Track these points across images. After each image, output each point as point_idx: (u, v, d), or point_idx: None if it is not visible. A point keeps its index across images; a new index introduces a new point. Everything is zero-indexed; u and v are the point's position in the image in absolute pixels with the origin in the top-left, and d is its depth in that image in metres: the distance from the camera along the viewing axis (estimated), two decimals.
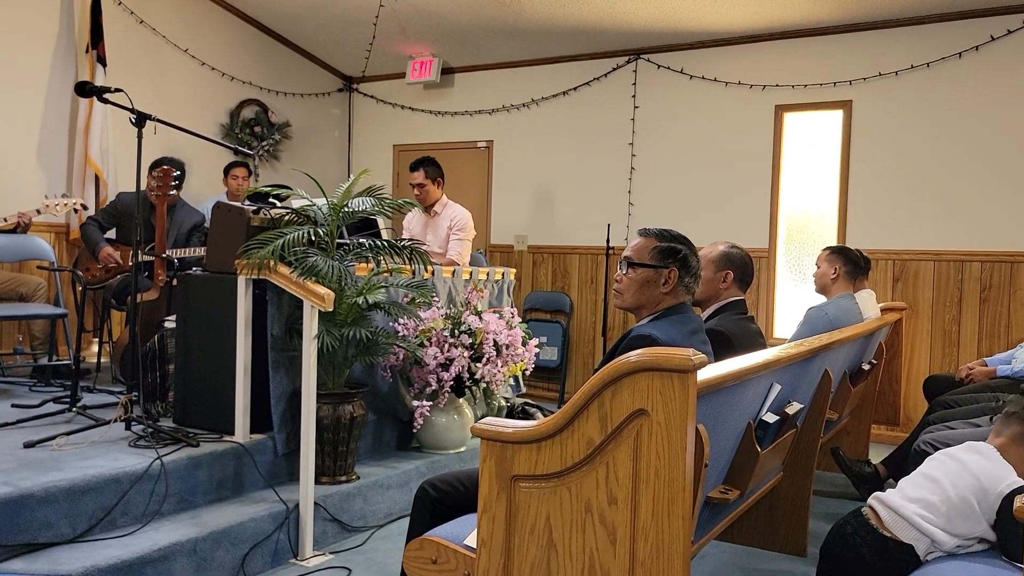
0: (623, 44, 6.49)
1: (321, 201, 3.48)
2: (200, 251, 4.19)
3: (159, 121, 3.33)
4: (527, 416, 4.64)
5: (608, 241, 6.35)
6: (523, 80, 7.08)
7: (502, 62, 7.13)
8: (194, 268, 3.69)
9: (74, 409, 3.52)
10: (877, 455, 4.32)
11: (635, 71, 6.58)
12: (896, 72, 5.59)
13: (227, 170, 5.99)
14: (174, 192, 4.26)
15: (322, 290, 3.05)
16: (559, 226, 6.94)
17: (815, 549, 2.37)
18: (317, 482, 3.28)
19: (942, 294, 5.49)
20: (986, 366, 4.43)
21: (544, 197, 7.03)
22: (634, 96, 6.57)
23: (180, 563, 2.74)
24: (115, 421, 3.26)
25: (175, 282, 3.75)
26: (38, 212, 4.71)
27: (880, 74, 5.64)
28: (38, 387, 4.40)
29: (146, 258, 4.23)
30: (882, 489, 3.80)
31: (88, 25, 5.64)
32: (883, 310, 5.13)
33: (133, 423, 3.30)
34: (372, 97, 7.87)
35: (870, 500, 2.22)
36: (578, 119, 6.83)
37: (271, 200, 3.66)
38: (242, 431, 3.31)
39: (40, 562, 2.54)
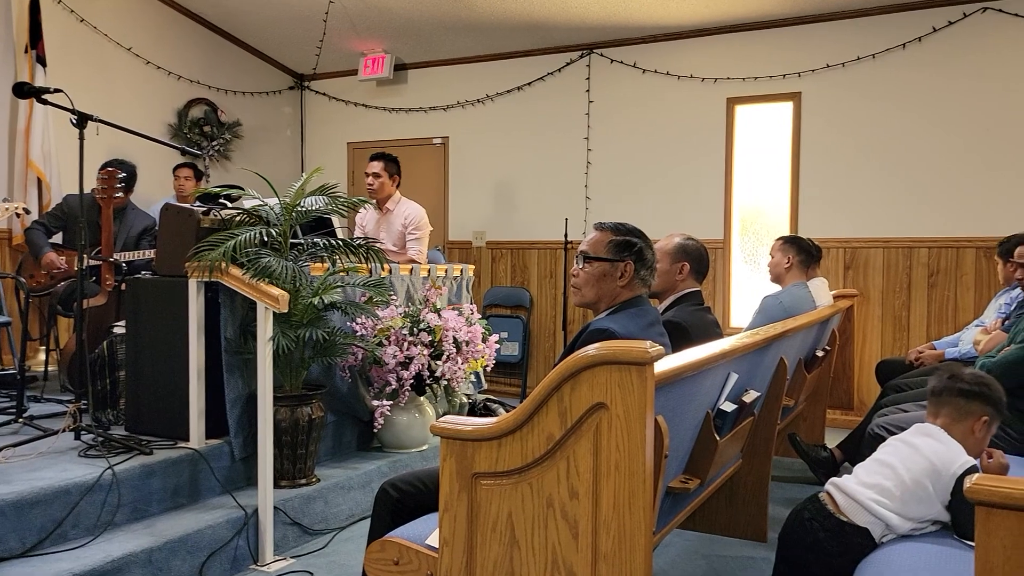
0: (576, 39, 6.50)
1: (273, 201, 3.42)
2: (149, 254, 4.09)
3: (101, 122, 3.24)
4: (489, 412, 4.62)
5: (566, 235, 6.36)
6: (477, 76, 7.05)
7: (456, 58, 7.09)
8: (143, 272, 3.60)
9: (20, 420, 3.41)
10: (833, 439, 4.39)
11: (588, 66, 6.59)
12: (843, 64, 5.69)
13: (175, 171, 5.86)
14: (121, 195, 4.14)
15: (276, 291, 3.00)
16: (517, 221, 6.93)
17: (775, 534, 2.40)
18: (276, 486, 3.23)
19: (891, 280, 5.61)
20: (935, 349, 4.54)
21: (501, 193, 7.01)
22: (588, 91, 6.59)
23: (135, 574, 2.68)
24: (64, 431, 3.16)
25: (124, 287, 3.65)
26: None
27: (828, 66, 5.74)
28: None
29: (93, 262, 4.12)
30: (838, 473, 3.88)
31: (27, 24, 5.46)
32: (835, 297, 5.23)
33: (83, 432, 3.21)
34: (324, 95, 7.77)
35: (827, 486, 2.25)
36: (533, 114, 6.82)
37: (221, 201, 3.58)
38: (197, 437, 3.24)
39: None
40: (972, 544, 1.52)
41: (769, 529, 3.37)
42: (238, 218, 3.38)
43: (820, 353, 4.41)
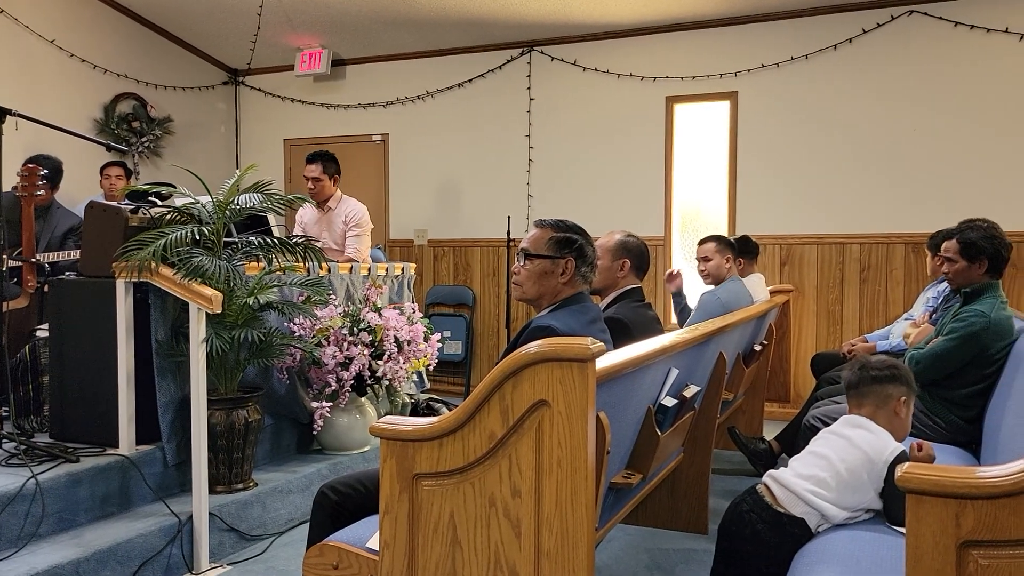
0: (516, 36, 6.50)
1: (206, 199, 3.32)
2: (74, 255, 3.94)
3: (20, 116, 3.10)
4: (432, 412, 4.59)
5: (509, 233, 6.36)
6: (417, 72, 6.99)
7: (395, 54, 7.03)
8: (68, 273, 3.46)
9: None
10: (771, 431, 4.49)
11: (529, 63, 6.60)
12: (777, 64, 5.82)
13: (103, 170, 5.66)
14: (43, 193, 3.97)
15: (209, 291, 2.92)
16: (460, 219, 6.90)
17: (715, 526, 2.44)
18: (212, 491, 3.15)
19: (825, 276, 5.76)
20: (867, 342, 4.67)
21: (443, 190, 6.98)
22: (529, 88, 6.60)
23: None
24: None
25: (47, 288, 3.50)
26: None
27: (763, 66, 5.86)
28: None
29: (13, 263, 3.94)
30: (775, 465, 3.96)
31: None
32: (772, 293, 5.35)
33: (4, 440, 3.07)
34: (260, 90, 7.61)
35: (764, 478, 2.29)
36: (475, 111, 6.80)
37: (151, 199, 3.46)
38: (127, 442, 3.13)
39: None
40: (903, 531, 1.56)
41: (710, 521, 3.43)
42: (168, 216, 3.28)
43: (758, 347, 4.50)
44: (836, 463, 2.20)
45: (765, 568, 2.17)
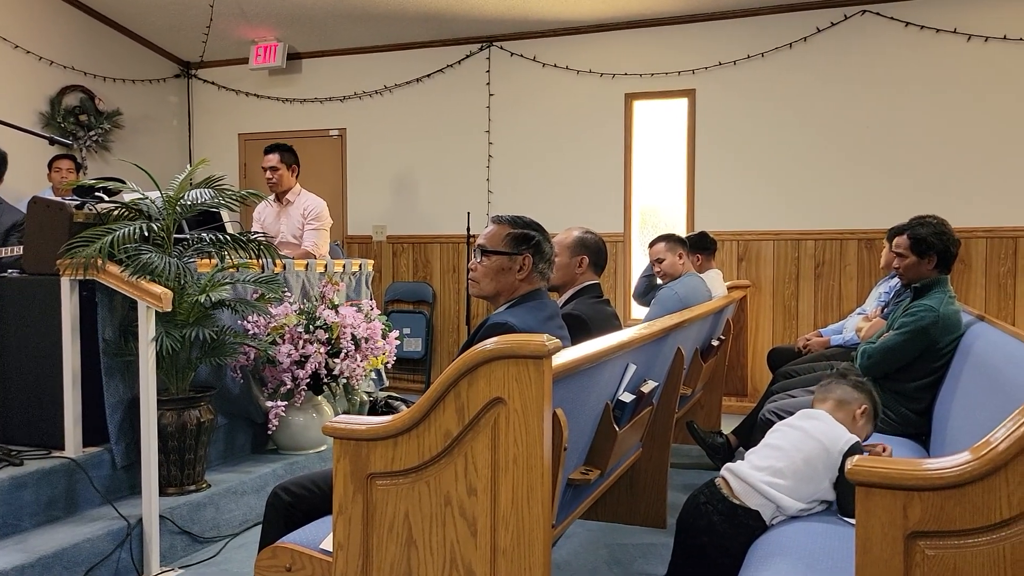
0: (476, 31, 6.48)
1: (155, 194, 3.25)
2: (17, 251, 3.82)
3: None
4: (391, 410, 4.56)
5: (468, 229, 6.34)
6: (375, 66, 6.93)
7: (352, 48, 6.95)
8: (10, 270, 3.36)
9: None
10: (728, 425, 4.54)
11: (488, 58, 6.58)
12: (735, 62, 5.89)
13: (51, 163, 5.51)
14: None
15: (158, 289, 2.86)
16: (419, 215, 6.86)
17: (674, 520, 2.45)
18: (163, 493, 3.09)
19: (781, 271, 5.85)
20: (821, 337, 4.76)
21: (402, 186, 6.93)
22: (488, 84, 6.58)
23: None
24: None
25: None
26: None
27: (720, 63, 5.92)
28: None
29: None
30: (733, 458, 4.01)
31: None
32: (729, 288, 5.41)
33: None
34: (213, 84, 7.47)
35: (722, 471, 2.32)
36: (434, 106, 6.77)
37: (98, 194, 3.37)
38: (73, 445, 3.05)
39: None
40: (854, 522, 1.58)
41: (668, 515, 3.46)
42: (116, 212, 3.20)
43: (715, 342, 4.55)
44: (792, 453, 2.23)
45: (720, 560, 2.20)
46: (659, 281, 4.53)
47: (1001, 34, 5.28)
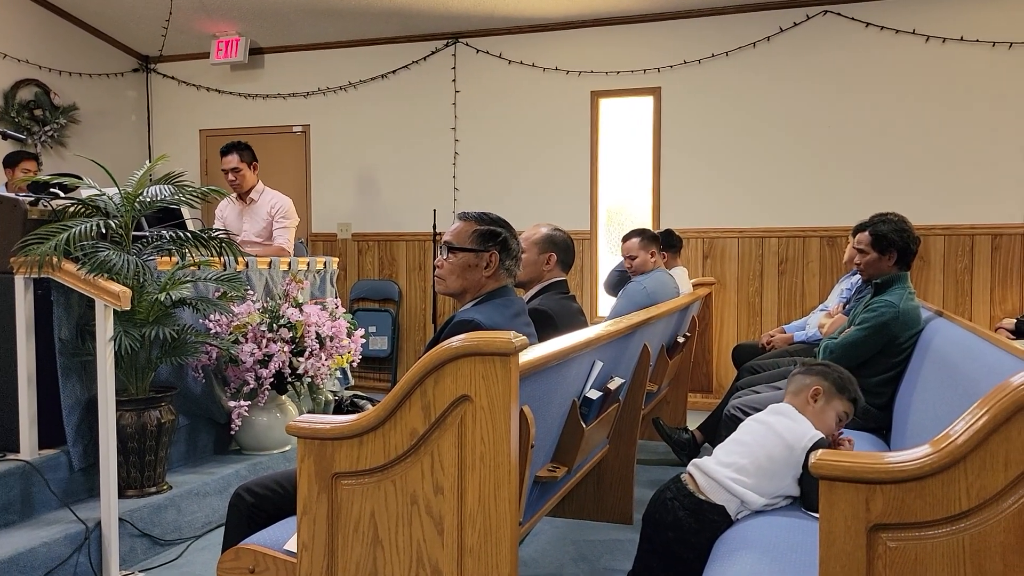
0: (441, 27, 6.45)
1: (113, 191, 3.18)
2: None
3: None
4: (356, 408, 4.52)
5: (435, 227, 6.31)
6: (339, 62, 6.87)
7: (316, 43, 6.88)
8: None
9: None
10: (694, 421, 4.59)
11: (454, 55, 6.56)
12: (699, 60, 5.93)
13: (11, 162, 5.34)
14: None
15: (116, 287, 2.79)
16: (384, 213, 6.81)
17: (640, 516, 2.47)
18: (123, 496, 3.03)
19: (746, 268, 5.92)
20: (785, 333, 4.82)
21: (367, 183, 6.88)
22: (454, 81, 6.56)
23: None
24: None
25: None
26: None
27: (685, 62, 5.97)
28: None
29: None
30: (699, 454, 4.05)
31: None
32: (695, 285, 5.46)
33: None
34: (173, 78, 7.35)
35: (688, 466, 2.33)
36: (399, 103, 6.72)
37: (53, 190, 3.29)
38: (29, 447, 2.98)
39: None
40: (817, 516, 1.60)
41: (635, 511, 3.47)
42: (72, 209, 3.12)
43: (681, 339, 4.58)
44: (756, 449, 2.25)
45: (686, 555, 2.21)
46: (630, 280, 4.55)
47: (958, 35, 5.40)
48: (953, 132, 5.45)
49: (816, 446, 2.21)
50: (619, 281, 4.81)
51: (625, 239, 4.52)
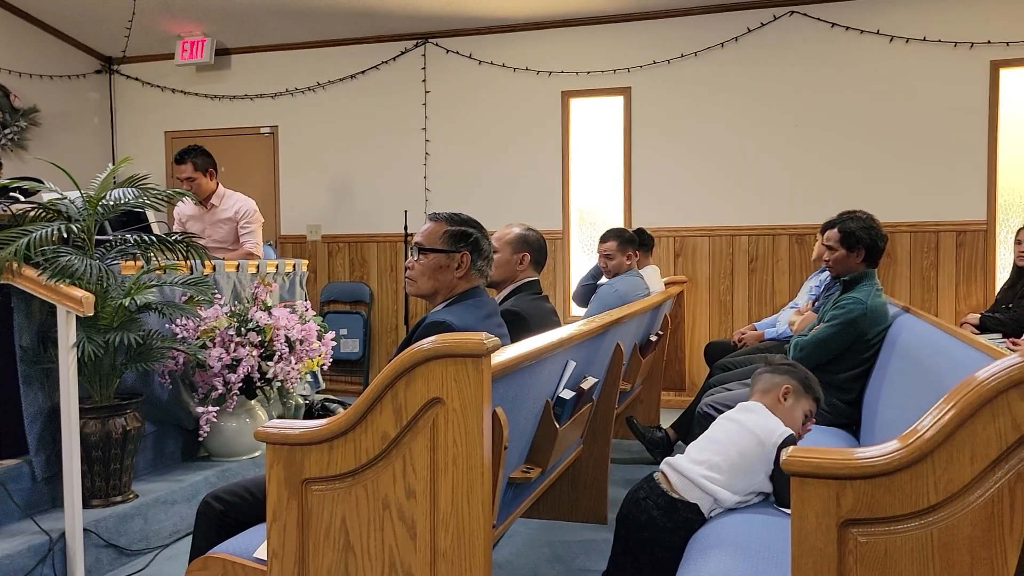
0: (411, 27, 6.42)
1: (75, 194, 3.12)
2: None
3: None
4: (327, 413, 4.49)
5: (406, 228, 6.29)
6: (308, 63, 6.81)
7: (284, 43, 6.82)
8: None
9: None
10: (667, 420, 4.60)
11: (424, 55, 6.54)
12: (668, 60, 5.97)
13: None
14: None
15: (79, 293, 2.74)
16: (355, 214, 6.77)
17: (615, 515, 2.47)
18: (87, 505, 2.97)
19: (717, 267, 5.96)
20: (756, 330, 4.86)
21: (338, 184, 6.83)
22: (424, 81, 6.54)
23: None
24: None
25: None
26: None
27: (655, 62, 6.00)
28: None
29: None
30: (672, 451, 4.07)
31: None
32: (667, 284, 5.49)
33: None
34: (137, 80, 7.23)
35: (662, 465, 2.34)
36: (369, 104, 6.68)
37: (13, 195, 3.23)
38: None
39: None
40: (789, 512, 1.61)
41: (609, 511, 3.48)
42: (33, 213, 3.06)
43: (654, 338, 4.60)
44: (728, 447, 2.26)
45: (660, 554, 2.21)
46: (602, 280, 4.58)
47: (921, 35, 5.48)
48: (917, 130, 5.54)
49: (786, 442, 2.22)
50: (587, 294, 4.84)
51: (603, 239, 4.55)
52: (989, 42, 5.37)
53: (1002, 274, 5.31)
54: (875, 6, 5.57)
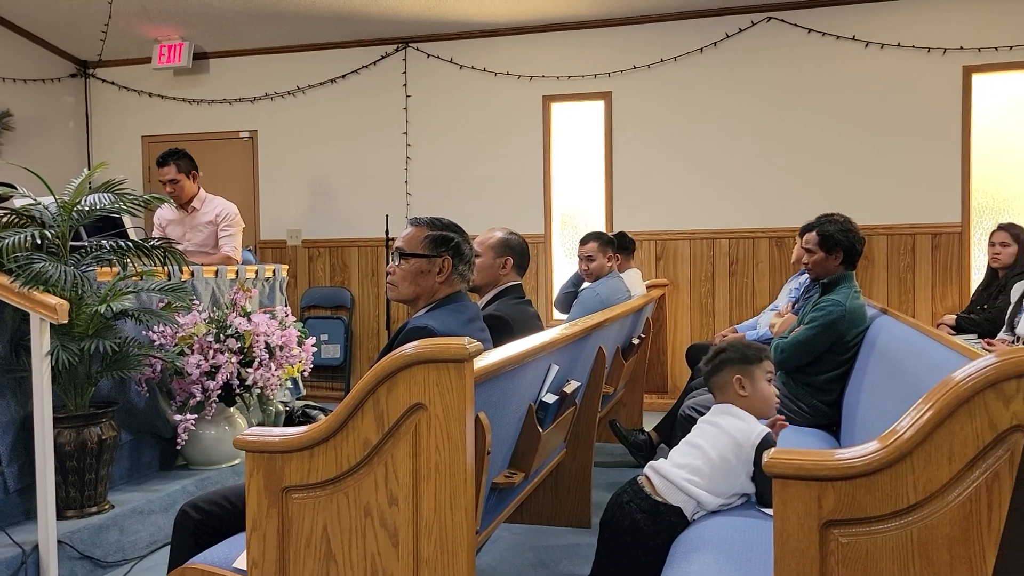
0: (391, 32, 6.41)
1: (49, 199, 3.08)
2: None
3: None
4: (308, 419, 4.46)
5: (387, 232, 6.26)
6: (287, 67, 6.78)
7: (263, 48, 6.78)
8: None
9: None
10: (650, 423, 4.61)
11: (404, 59, 6.53)
12: (648, 65, 6.00)
13: None
14: None
15: (53, 300, 2.70)
16: (336, 219, 6.74)
17: (599, 519, 2.47)
18: (61, 517, 2.92)
19: (698, 270, 5.99)
20: (736, 332, 4.88)
21: (318, 189, 6.79)
22: (405, 85, 6.52)
23: None
24: None
25: None
26: None
27: (635, 67, 6.03)
28: None
29: None
30: (655, 454, 4.08)
31: None
32: (648, 287, 5.51)
33: None
34: (113, 84, 7.17)
35: (645, 469, 2.34)
36: (349, 108, 6.66)
37: None
38: None
39: None
40: (771, 513, 1.61)
41: (593, 515, 3.48)
42: (5, 219, 3.02)
43: (636, 341, 4.62)
44: (708, 450, 2.27)
45: (644, 558, 2.22)
46: (584, 284, 4.58)
47: (895, 41, 5.55)
48: (893, 135, 5.61)
49: (764, 442, 2.23)
50: (568, 301, 4.85)
51: (583, 241, 4.57)
52: (962, 48, 5.45)
53: (976, 275, 5.39)
54: (851, 12, 5.64)
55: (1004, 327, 4.18)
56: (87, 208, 3.09)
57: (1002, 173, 5.54)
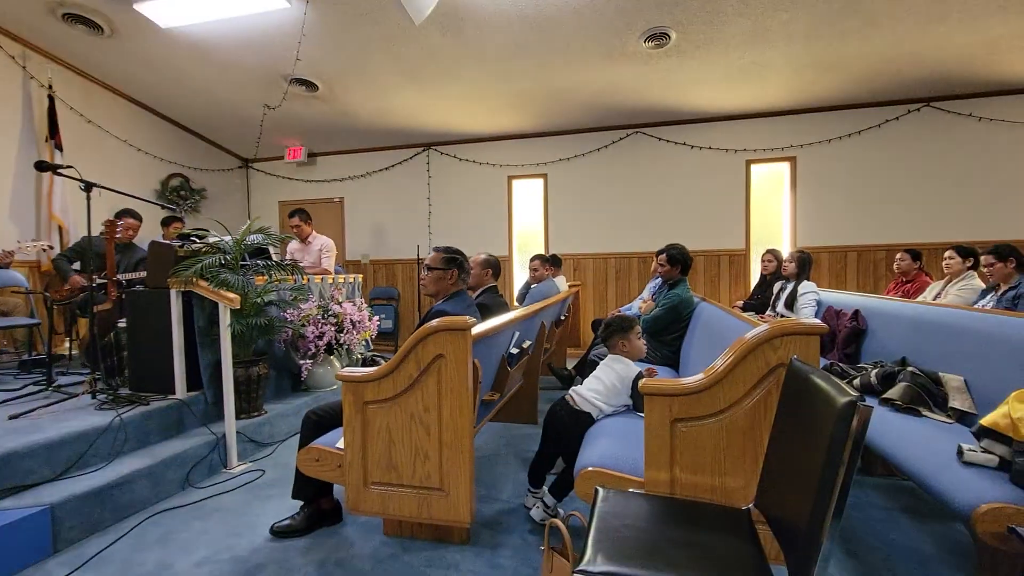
0: (419, 140, 6.31)
1: (228, 238, 3.01)
2: (143, 275, 3.46)
3: (101, 187, 2.70)
4: (374, 363, 4.39)
5: (418, 255, 6.17)
6: (360, 160, 6.66)
7: (346, 149, 6.66)
8: (138, 287, 3.04)
9: (51, 388, 2.76)
10: (572, 364, 4.61)
11: (427, 157, 6.44)
12: (569, 158, 5.94)
13: (166, 223, 4.98)
14: (120, 235, 3.49)
15: (231, 295, 2.65)
16: (388, 247, 6.64)
17: (543, 420, 2.46)
18: (237, 418, 2.90)
19: (599, 276, 5.99)
20: (619, 312, 4.87)
21: (378, 231, 6.68)
22: (428, 172, 6.43)
23: (140, 483, 2.30)
24: (83, 394, 2.62)
25: (124, 297, 3.06)
26: (12, 252, 3.69)
27: (560, 159, 5.96)
28: (21, 376, 3.39)
29: (100, 281, 3.41)
30: (574, 383, 4.07)
31: (46, 121, 4.45)
32: (570, 286, 5.50)
33: (99, 393, 2.66)
34: (262, 171, 6.99)
35: (569, 391, 2.35)
36: (396, 185, 6.51)
37: (192, 239, 3.10)
38: (181, 390, 2.82)
39: (27, 498, 2.01)
40: (643, 415, 1.63)
41: (539, 417, 3.48)
42: (204, 250, 2.95)
43: (563, 317, 4.62)
44: (605, 381, 2.28)
45: (567, 442, 2.22)
46: (532, 285, 4.57)
47: (707, 145, 5.55)
48: (704, 199, 5.55)
49: (637, 378, 2.25)
50: (523, 295, 4.83)
51: (532, 260, 4.56)
52: (745, 149, 5.50)
53: (754, 278, 5.44)
54: (682, 129, 5.61)
55: (770, 308, 4.25)
56: (249, 243, 3.02)
57: (767, 219, 5.59)
